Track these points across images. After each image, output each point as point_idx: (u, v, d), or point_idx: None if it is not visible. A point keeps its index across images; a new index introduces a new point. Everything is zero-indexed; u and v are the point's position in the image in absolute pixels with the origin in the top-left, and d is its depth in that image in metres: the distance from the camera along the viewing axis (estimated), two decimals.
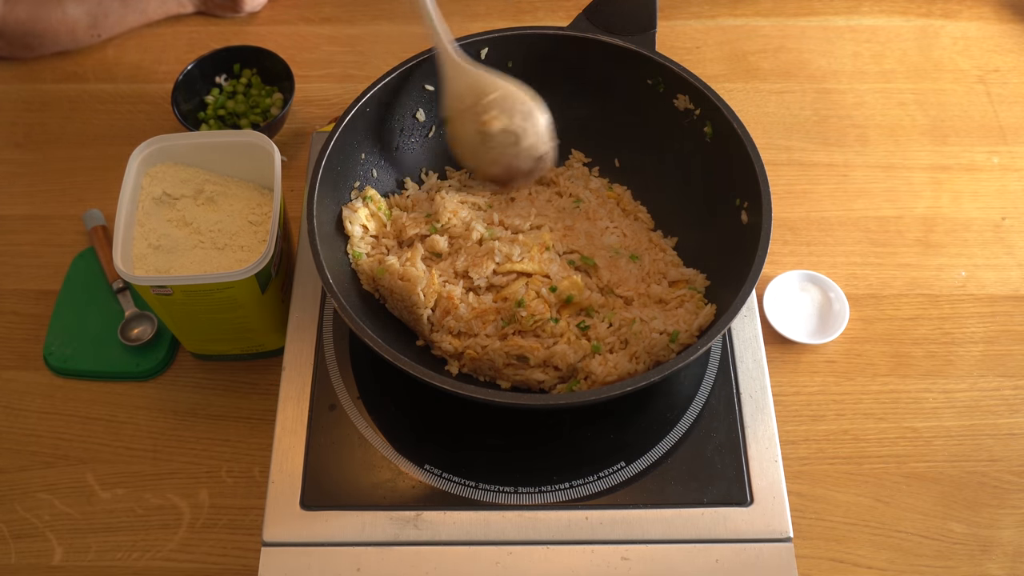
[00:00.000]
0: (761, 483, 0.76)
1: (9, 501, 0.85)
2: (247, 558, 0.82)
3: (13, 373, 0.93)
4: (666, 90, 0.88)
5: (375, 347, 0.71)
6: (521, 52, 0.90)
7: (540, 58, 0.90)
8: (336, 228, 0.84)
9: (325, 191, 0.81)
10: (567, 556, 0.73)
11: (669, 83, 0.87)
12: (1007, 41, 1.19)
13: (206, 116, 1.08)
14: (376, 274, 0.82)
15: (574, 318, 0.81)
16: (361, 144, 0.87)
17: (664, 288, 0.83)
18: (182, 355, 0.94)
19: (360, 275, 0.84)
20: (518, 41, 0.89)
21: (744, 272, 0.74)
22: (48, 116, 1.13)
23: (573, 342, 0.79)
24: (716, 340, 0.72)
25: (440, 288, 0.81)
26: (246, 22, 1.23)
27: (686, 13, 1.22)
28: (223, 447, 0.88)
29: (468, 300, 0.81)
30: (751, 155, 0.79)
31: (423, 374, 0.70)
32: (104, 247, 0.98)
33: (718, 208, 0.85)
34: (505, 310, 0.80)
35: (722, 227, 0.84)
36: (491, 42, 0.89)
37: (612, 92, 0.91)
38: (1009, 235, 1.01)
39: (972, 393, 0.90)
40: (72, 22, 1.15)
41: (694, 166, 0.88)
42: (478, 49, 0.88)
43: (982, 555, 0.81)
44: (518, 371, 0.80)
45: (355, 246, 0.84)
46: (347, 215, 0.85)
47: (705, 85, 0.84)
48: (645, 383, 0.70)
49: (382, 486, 0.77)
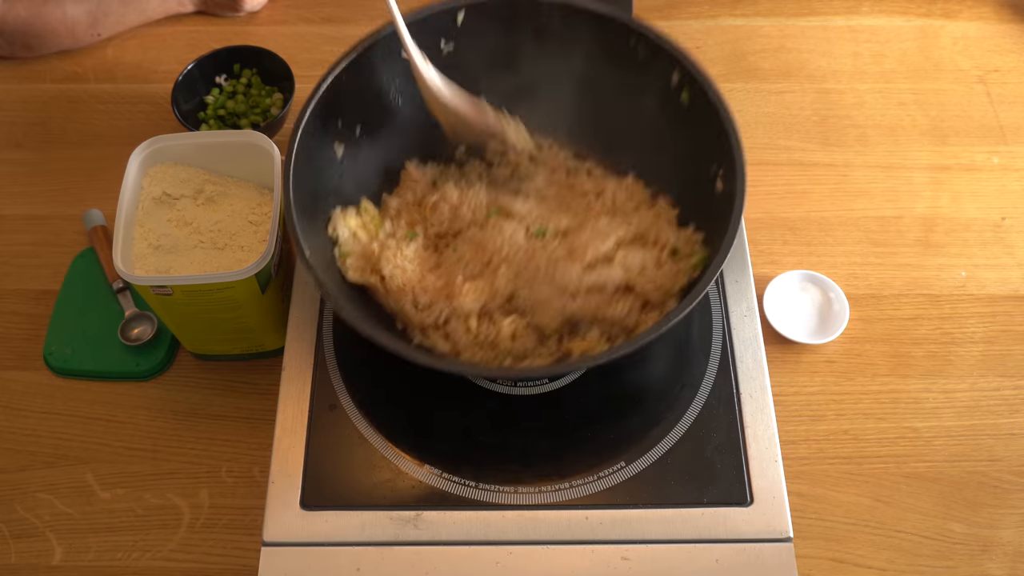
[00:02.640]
0: (761, 483, 0.76)
1: (9, 501, 0.85)
2: (247, 558, 0.82)
3: (13, 373, 0.93)
4: (645, 57, 0.86)
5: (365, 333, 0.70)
6: (498, 18, 0.87)
7: (515, 24, 0.87)
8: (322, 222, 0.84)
9: (301, 174, 0.80)
10: (567, 556, 0.73)
11: (647, 49, 0.85)
12: (1007, 41, 1.19)
13: (206, 116, 1.08)
14: (364, 280, 0.83)
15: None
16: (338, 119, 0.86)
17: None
18: (182, 355, 0.94)
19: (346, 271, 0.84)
20: (495, 6, 0.86)
21: (718, 243, 0.73)
22: (48, 116, 1.13)
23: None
24: (691, 308, 0.71)
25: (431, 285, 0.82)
26: (246, 22, 1.23)
27: (686, 13, 1.22)
28: (223, 447, 0.88)
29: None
30: (724, 121, 0.78)
31: (419, 358, 0.70)
32: (104, 247, 0.98)
33: (696, 176, 0.83)
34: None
35: (698, 195, 0.83)
36: (467, 7, 0.86)
37: (588, 59, 0.89)
38: (1009, 235, 1.01)
39: (972, 393, 0.90)
40: (72, 22, 1.15)
41: (670, 133, 0.87)
42: (455, 14, 0.86)
43: (982, 555, 0.81)
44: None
45: (342, 246, 0.84)
46: (337, 221, 0.84)
47: (681, 51, 0.83)
48: (618, 354, 0.69)
49: (382, 486, 0.77)
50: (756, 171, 1.05)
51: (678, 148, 0.87)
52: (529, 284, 0.81)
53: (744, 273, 0.88)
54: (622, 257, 0.81)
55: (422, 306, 0.81)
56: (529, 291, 0.81)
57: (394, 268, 0.82)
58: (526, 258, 0.82)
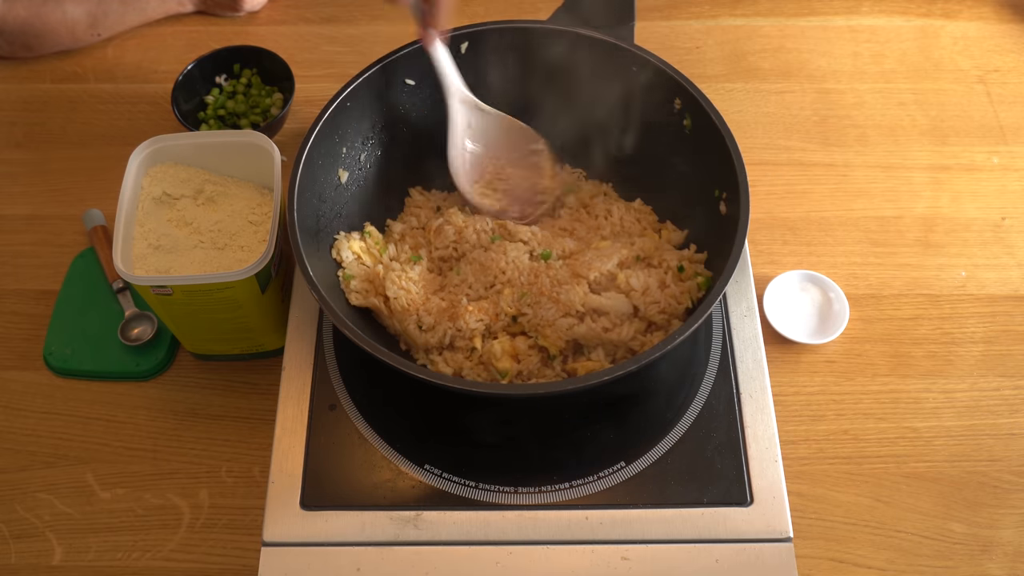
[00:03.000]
0: (761, 483, 0.76)
1: (9, 501, 0.85)
2: (247, 558, 0.82)
3: (13, 373, 0.93)
4: (647, 84, 0.87)
5: (372, 351, 0.71)
6: (501, 46, 0.89)
7: (520, 52, 0.89)
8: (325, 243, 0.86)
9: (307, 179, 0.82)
10: (567, 556, 0.73)
11: (650, 77, 0.87)
12: (1007, 41, 1.19)
13: (206, 116, 1.08)
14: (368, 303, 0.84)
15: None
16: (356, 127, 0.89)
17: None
18: (182, 355, 0.94)
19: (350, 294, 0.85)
20: (498, 35, 0.89)
21: (721, 266, 0.74)
22: (48, 116, 1.13)
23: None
24: (689, 333, 0.72)
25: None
26: (246, 22, 1.23)
27: (686, 13, 1.22)
28: (223, 447, 0.88)
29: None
30: (729, 146, 0.79)
31: (423, 373, 0.70)
32: (104, 247, 0.98)
33: (699, 200, 0.85)
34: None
35: (702, 219, 0.85)
36: (471, 36, 0.88)
37: (592, 85, 0.90)
38: (1009, 235, 1.01)
39: (972, 393, 0.90)
40: (72, 22, 1.15)
41: (674, 158, 0.88)
42: (458, 44, 0.88)
43: (982, 555, 0.81)
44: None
45: (346, 269, 0.85)
46: (341, 245, 0.85)
47: (684, 78, 0.84)
48: (621, 372, 0.70)
49: (382, 486, 0.77)
50: (756, 171, 1.06)
51: (683, 171, 0.88)
52: (533, 306, 0.81)
53: (744, 273, 0.89)
54: (625, 278, 0.82)
55: (426, 327, 0.81)
56: (534, 312, 0.81)
57: (399, 290, 0.82)
58: (530, 280, 0.82)
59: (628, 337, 0.80)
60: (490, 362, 0.80)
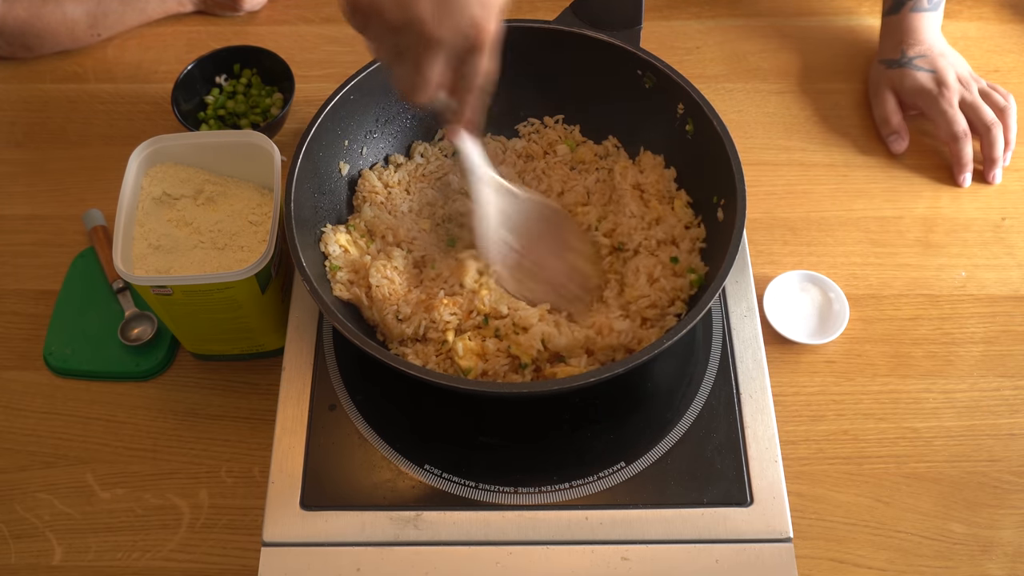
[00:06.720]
0: (761, 483, 0.76)
1: (9, 501, 0.85)
2: (247, 558, 0.82)
3: (13, 373, 0.93)
4: (652, 87, 0.88)
5: (363, 346, 0.71)
6: (504, 46, 0.89)
7: (524, 52, 0.88)
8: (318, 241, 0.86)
9: (305, 176, 0.82)
10: (567, 556, 0.73)
11: (655, 79, 0.87)
12: (1007, 41, 1.19)
13: (206, 116, 1.08)
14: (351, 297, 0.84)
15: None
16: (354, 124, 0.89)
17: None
18: (182, 355, 0.94)
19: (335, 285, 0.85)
20: (503, 35, 0.88)
21: (714, 272, 0.75)
22: (48, 116, 1.13)
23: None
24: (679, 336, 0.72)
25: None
26: (246, 22, 1.23)
27: (686, 13, 1.22)
28: (223, 447, 0.88)
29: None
30: (728, 152, 0.80)
31: (419, 371, 0.70)
32: (104, 247, 0.98)
33: (696, 205, 0.86)
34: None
35: (701, 219, 0.86)
36: None
37: (597, 88, 0.91)
38: (1009, 235, 1.01)
39: (972, 393, 0.90)
40: (72, 22, 1.15)
41: (676, 163, 0.89)
42: None
43: (982, 555, 0.81)
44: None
45: (332, 260, 0.85)
46: (328, 237, 0.85)
47: (687, 82, 0.85)
48: (611, 373, 0.70)
49: (382, 486, 0.77)
50: (756, 171, 1.06)
51: (682, 175, 0.89)
52: (513, 299, 0.82)
53: (744, 273, 0.89)
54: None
55: (403, 317, 0.82)
56: (509, 317, 0.81)
57: (382, 279, 0.83)
58: (511, 266, 0.83)
59: (627, 340, 0.80)
60: (453, 358, 0.80)
